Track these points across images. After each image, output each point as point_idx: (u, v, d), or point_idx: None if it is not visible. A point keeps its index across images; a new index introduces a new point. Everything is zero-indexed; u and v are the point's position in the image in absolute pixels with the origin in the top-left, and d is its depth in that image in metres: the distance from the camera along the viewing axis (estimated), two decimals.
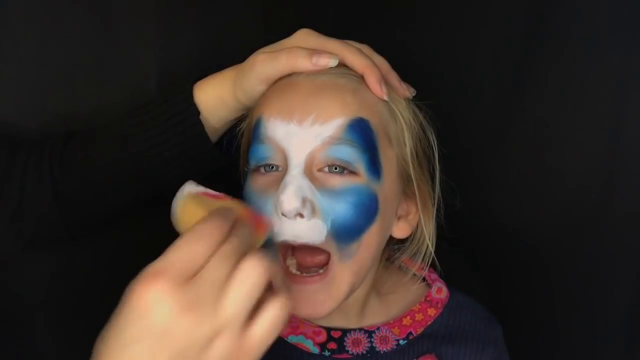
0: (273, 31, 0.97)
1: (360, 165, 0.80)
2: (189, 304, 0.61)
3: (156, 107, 0.95)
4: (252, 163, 0.84)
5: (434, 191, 0.92)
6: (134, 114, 0.96)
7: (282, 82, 0.85)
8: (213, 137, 0.95)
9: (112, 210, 1.02)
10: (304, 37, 0.89)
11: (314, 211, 0.78)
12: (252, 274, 0.64)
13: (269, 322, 0.66)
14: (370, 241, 0.82)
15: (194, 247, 0.64)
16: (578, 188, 1.07)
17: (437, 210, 0.92)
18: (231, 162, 0.98)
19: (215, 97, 0.93)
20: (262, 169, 0.83)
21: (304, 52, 0.84)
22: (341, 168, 0.80)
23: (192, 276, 0.63)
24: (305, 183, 0.78)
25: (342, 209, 0.79)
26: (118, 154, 0.95)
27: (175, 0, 1.10)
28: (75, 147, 0.98)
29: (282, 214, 0.78)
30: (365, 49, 0.88)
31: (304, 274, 0.82)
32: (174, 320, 0.61)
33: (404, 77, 0.91)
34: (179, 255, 0.64)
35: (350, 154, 0.80)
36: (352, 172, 0.80)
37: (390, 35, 1.11)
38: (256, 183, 0.83)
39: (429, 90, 0.91)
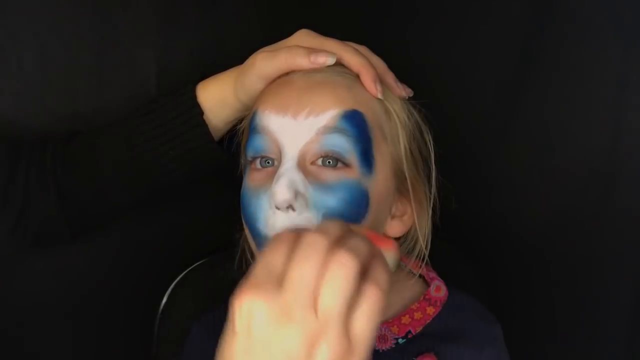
0: (271, 32, 0.98)
1: (353, 156, 0.81)
2: (283, 311, 0.60)
3: (160, 107, 0.96)
4: (249, 154, 0.85)
5: (430, 191, 0.92)
6: (138, 114, 0.97)
7: (280, 79, 0.87)
8: (215, 136, 0.96)
9: (114, 209, 1.03)
10: (303, 37, 0.90)
11: (305, 205, 0.79)
12: (342, 268, 0.61)
13: (368, 314, 0.62)
14: None
15: (274, 252, 0.63)
16: (578, 188, 1.07)
17: (433, 210, 0.92)
18: (232, 161, 0.98)
19: (218, 97, 0.94)
20: (257, 163, 0.84)
21: (303, 50, 0.85)
22: (334, 160, 0.80)
23: (280, 281, 0.61)
24: (298, 176, 0.79)
25: (333, 204, 0.79)
26: (121, 153, 0.96)
27: (175, 1, 1.10)
28: (77, 147, 0.99)
29: (275, 206, 0.79)
30: (363, 49, 0.89)
31: None
32: (272, 331, 0.60)
33: (404, 77, 0.91)
34: (262, 264, 0.63)
35: (343, 143, 0.80)
36: (345, 165, 0.81)
37: (391, 36, 1.12)
38: (252, 179, 0.84)
39: (429, 90, 0.92)
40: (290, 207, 0.78)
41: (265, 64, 0.87)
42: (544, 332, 1.13)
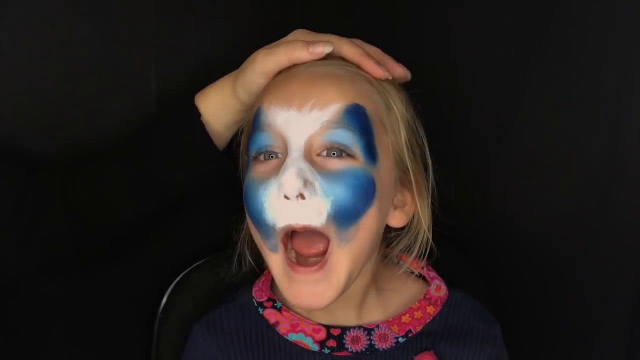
0: (271, 32, 0.98)
1: (357, 149, 0.82)
2: None
3: (162, 121, 0.98)
4: (253, 151, 0.86)
5: (428, 181, 0.93)
6: (141, 132, 0.98)
7: (282, 74, 0.88)
8: (219, 143, 0.97)
9: (122, 228, 1.02)
10: (299, 35, 0.92)
11: (314, 193, 0.80)
12: None
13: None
14: (368, 225, 0.83)
15: None
16: (578, 187, 1.08)
17: (432, 205, 0.93)
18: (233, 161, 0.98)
19: (217, 101, 0.95)
20: (262, 157, 0.85)
21: (301, 43, 0.87)
22: (339, 151, 0.82)
23: None
24: (306, 165, 0.80)
25: (341, 190, 0.80)
26: (128, 173, 0.96)
27: (176, 1, 1.10)
28: (85, 168, 0.99)
29: (285, 196, 0.80)
30: (357, 41, 0.91)
31: (304, 266, 0.83)
32: None
33: None
34: None
35: (348, 137, 0.82)
36: (350, 156, 0.82)
37: (391, 35, 1.11)
38: (256, 171, 0.85)
39: (429, 90, 0.92)
40: (300, 195, 0.79)
41: (265, 60, 0.88)
42: (543, 332, 1.13)
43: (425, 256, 0.93)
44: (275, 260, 0.85)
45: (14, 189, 0.96)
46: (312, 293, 0.83)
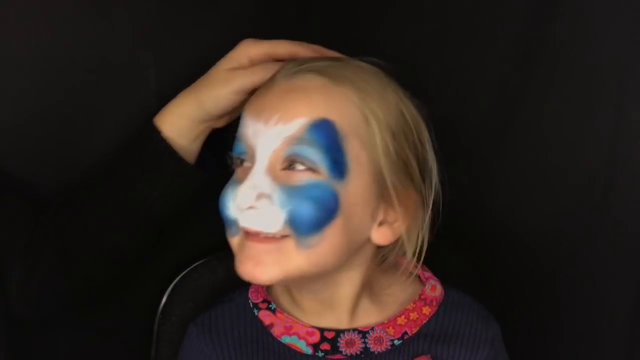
0: (271, 32, 0.99)
1: (321, 163, 0.82)
2: None
3: (128, 151, 1.01)
4: (233, 157, 0.89)
5: (432, 189, 0.91)
6: (114, 167, 1.01)
7: (266, 82, 0.90)
8: (189, 158, 1.00)
9: (115, 259, 1.03)
10: (247, 44, 0.98)
11: (272, 203, 0.82)
12: None
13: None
14: (333, 237, 0.83)
15: None
16: (578, 188, 1.07)
17: (435, 212, 0.91)
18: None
19: (177, 115, 0.98)
20: (240, 162, 0.88)
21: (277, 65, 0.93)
22: (302, 166, 0.83)
23: None
24: (265, 180, 0.82)
25: (299, 202, 0.81)
26: (112, 209, 0.99)
27: (176, 1, 1.10)
28: (71, 211, 1.01)
29: (238, 206, 0.83)
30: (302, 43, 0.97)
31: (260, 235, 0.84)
32: None
33: (403, 76, 0.92)
34: None
35: (309, 152, 0.82)
36: (313, 170, 0.82)
37: (390, 35, 1.11)
38: (237, 174, 0.89)
39: (428, 90, 0.92)
40: (251, 207, 0.82)
41: (243, 80, 0.94)
42: (542, 332, 1.13)
43: (421, 261, 0.92)
44: (235, 240, 0.87)
45: (28, 227, 1.00)
46: (258, 263, 0.84)
